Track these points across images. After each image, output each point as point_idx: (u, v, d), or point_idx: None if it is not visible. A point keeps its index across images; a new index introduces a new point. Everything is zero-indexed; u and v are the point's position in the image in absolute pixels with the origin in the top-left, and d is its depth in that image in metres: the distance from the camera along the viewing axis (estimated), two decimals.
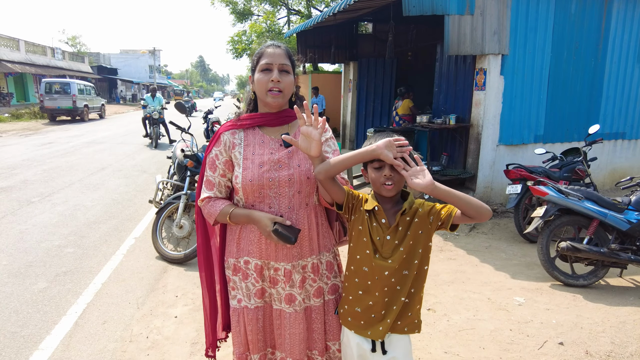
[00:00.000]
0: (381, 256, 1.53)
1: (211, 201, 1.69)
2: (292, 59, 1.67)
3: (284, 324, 1.68)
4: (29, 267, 4.01)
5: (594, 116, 6.75)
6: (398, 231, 1.53)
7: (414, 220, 1.54)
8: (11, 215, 5.48)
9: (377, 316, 1.55)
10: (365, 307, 1.56)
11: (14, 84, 24.13)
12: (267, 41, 1.82)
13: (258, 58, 1.65)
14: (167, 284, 3.79)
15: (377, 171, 1.53)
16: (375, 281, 1.54)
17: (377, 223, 1.55)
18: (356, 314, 1.59)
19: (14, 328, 3.02)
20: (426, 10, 5.37)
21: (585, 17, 6.33)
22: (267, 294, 1.71)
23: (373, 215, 1.56)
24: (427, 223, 1.53)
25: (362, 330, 1.58)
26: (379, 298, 1.54)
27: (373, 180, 1.55)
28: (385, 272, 1.52)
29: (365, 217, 1.56)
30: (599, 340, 2.87)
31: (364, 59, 10.69)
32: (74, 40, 40.74)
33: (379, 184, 1.53)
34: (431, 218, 1.53)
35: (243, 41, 21.17)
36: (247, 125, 1.69)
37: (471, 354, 2.73)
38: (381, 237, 1.53)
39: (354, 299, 1.60)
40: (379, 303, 1.54)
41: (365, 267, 1.56)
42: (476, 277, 3.98)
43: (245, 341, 1.73)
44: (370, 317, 1.56)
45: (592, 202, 3.77)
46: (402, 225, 1.54)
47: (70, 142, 12.53)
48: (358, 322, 1.59)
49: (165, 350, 2.79)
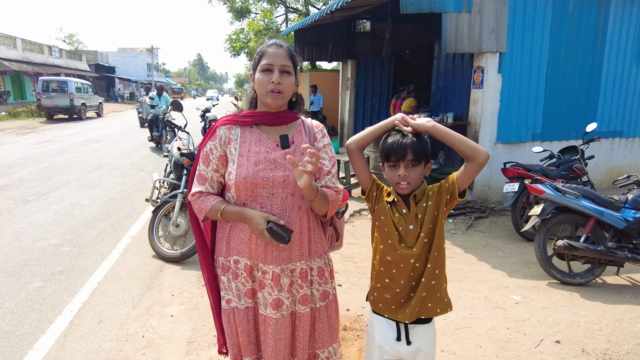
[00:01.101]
0: (406, 245, 1.58)
1: (202, 196, 1.65)
2: (294, 59, 1.64)
3: (268, 331, 1.64)
4: (25, 266, 3.99)
5: (591, 114, 6.75)
6: (418, 219, 1.59)
7: (428, 204, 1.59)
8: (7, 214, 5.45)
9: (406, 300, 1.62)
10: (394, 294, 1.63)
11: (11, 82, 24.04)
12: (268, 40, 1.79)
13: (259, 57, 1.61)
14: (163, 282, 3.77)
15: (392, 169, 1.58)
16: (401, 269, 1.60)
17: (399, 214, 1.60)
18: (386, 300, 1.65)
19: (9, 327, 3.00)
20: (424, 7, 5.35)
21: (583, 15, 6.33)
22: (259, 295, 1.67)
23: (394, 206, 1.61)
24: (438, 202, 1.59)
25: (393, 314, 1.64)
26: (405, 284, 1.60)
27: (389, 178, 1.61)
28: (411, 260, 1.58)
29: (387, 208, 1.62)
30: (595, 339, 2.87)
31: (362, 57, 10.68)
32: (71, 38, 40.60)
33: (394, 183, 1.59)
34: (441, 195, 1.59)
35: (241, 39, 21.10)
36: (246, 122, 1.65)
37: (468, 352, 2.73)
38: (404, 227, 1.59)
39: (382, 286, 1.65)
40: (407, 288, 1.61)
41: (389, 257, 1.61)
42: (473, 276, 3.98)
43: (237, 342, 1.71)
44: (399, 302, 1.62)
45: (589, 200, 3.76)
46: (419, 212, 1.59)
47: (67, 140, 12.49)
48: (389, 307, 1.64)
49: (161, 350, 2.78)
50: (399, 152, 1.53)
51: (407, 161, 1.53)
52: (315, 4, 20.37)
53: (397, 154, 1.53)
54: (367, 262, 4.20)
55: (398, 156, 1.53)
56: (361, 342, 2.80)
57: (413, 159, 1.53)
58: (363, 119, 10.86)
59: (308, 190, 1.48)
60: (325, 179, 1.66)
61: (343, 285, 3.68)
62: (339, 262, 4.14)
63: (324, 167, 1.67)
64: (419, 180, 1.57)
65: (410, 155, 1.52)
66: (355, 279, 3.83)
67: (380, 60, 10.43)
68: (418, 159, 1.53)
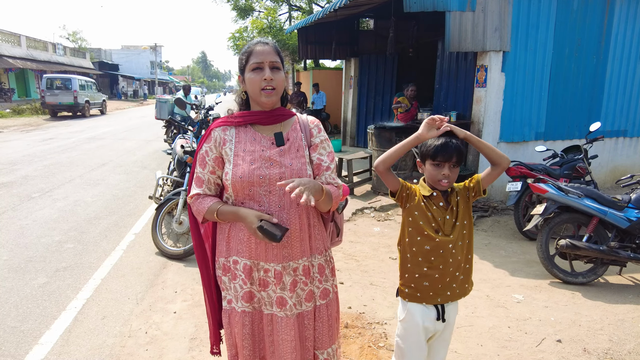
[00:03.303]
0: (443, 234, 1.76)
1: (200, 198, 1.66)
2: (280, 55, 1.65)
3: (276, 329, 1.63)
4: (29, 262, 4.02)
5: (595, 114, 6.72)
6: (453, 210, 1.78)
7: (458, 198, 1.80)
8: (12, 211, 5.49)
9: (443, 285, 1.79)
10: (433, 280, 1.78)
11: (15, 79, 24.14)
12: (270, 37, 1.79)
13: (247, 57, 1.61)
14: (166, 279, 3.79)
15: (437, 168, 1.75)
16: (440, 255, 1.76)
17: (435, 206, 1.78)
18: (424, 287, 1.80)
19: (14, 323, 3.03)
20: (427, 6, 5.34)
21: (588, 14, 6.30)
22: (256, 299, 1.66)
23: (430, 200, 1.78)
24: (466, 197, 1.82)
25: (432, 300, 1.80)
26: (443, 270, 1.77)
27: (431, 175, 1.77)
28: (449, 245, 1.76)
29: (422, 203, 1.78)
30: (597, 338, 2.88)
31: (365, 55, 10.66)
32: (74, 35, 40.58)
33: (436, 180, 1.76)
34: (467, 193, 1.82)
35: (244, 37, 21.09)
36: (240, 122, 1.66)
37: (469, 350, 2.74)
38: (442, 217, 1.77)
39: (420, 275, 1.80)
40: (445, 274, 1.77)
41: (427, 246, 1.77)
42: (475, 274, 3.93)
43: (235, 343, 1.70)
44: (437, 288, 1.79)
45: (592, 200, 3.76)
46: (454, 205, 1.79)
47: (71, 137, 12.55)
48: (427, 294, 1.80)
49: (164, 346, 2.80)
50: (447, 153, 1.71)
51: (452, 162, 1.72)
52: (319, 2, 20.34)
53: (444, 155, 1.71)
54: (369, 260, 4.21)
55: (445, 157, 1.71)
56: (362, 339, 2.81)
57: (456, 160, 1.73)
58: (366, 118, 10.86)
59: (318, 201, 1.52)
60: (324, 175, 1.66)
61: (345, 283, 3.69)
62: (341, 260, 4.15)
63: (323, 162, 1.67)
64: (455, 178, 1.79)
65: (455, 157, 1.72)
66: (357, 277, 3.84)
67: (383, 58, 10.42)
68: (459, 161, 1.75)
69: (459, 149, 1.72)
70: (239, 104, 1.75)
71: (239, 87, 1.74)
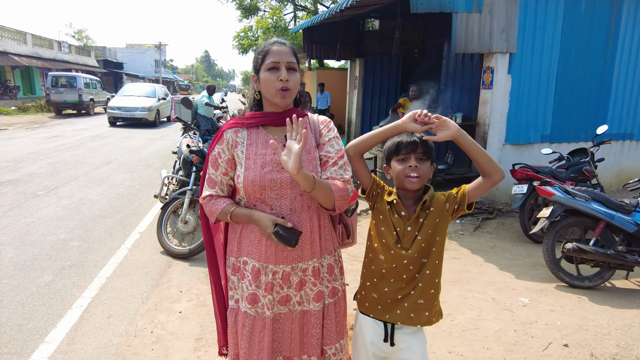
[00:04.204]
0: (402, 246, 1.59)
1: (213, 199, 1.66)
2: (297, 56, 1.63)
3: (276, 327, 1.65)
4: (35, 260, 4.03)
5: (602, 116, 6.69)
6: (418, 222, 1.59)
7: (431, 210, 1.60)
8: (17, 208, 5.51)
9: (393, 302, 1.61)
10: (381, 293, 1.62)
11: (21, 77, 24.24)
12: (271, 38, 1.78)
13: (263, 56, 1.60)
14: (171, 279, 3.80)
15: (402, 163, 1.58)
16: (392, 269, 1.60)
17: (397, 215, 1.61)
18: (373, 299, 1.65)
19: (20, 321, 3.04)
20: (434, 7, 5.33)
21: (595, 16, 6.27)
22: (260, 304, 1.64)
23: (394, 207, 1.62)
24: (443, 210, 1.60)
25: (380, 314, 1.64)
26: (394, 285, 1.60)
27: (397, 174, 1.60)
28: (404, 261, 1.58)
29: (387, 208, 1.63)
30: (604, 343, 2.86)
31: (370, 56, 10.64)
32: (80, 34, 40.76)
33: (403, 177, 1.58)
34: (447, 205, 1.60)
35: (249, 37, 21.13)
36: (251, 124, 1.65)
37: (475, 354, 2.73)
38: (402, 228, 1.60)
39: (371, 285, 1.66)
40: (396, 290, 1.60)
41: (382, 256, 1.62)
42: (480, 277, 3.97)
43: (237, 343, 1.70)
44: (386, 303, 1.62)
45: (599, 204, 3.74)
46: (421, 217, 1.60)
47: (75, 135, 12.59)
48: (375, 307, 1.65)
49: (169, 346, 2.80)
50: (410, 145, 1.56)
51: (417, 153, 1.56)
52: (324, 2, 20.34)
53: (408, 147, 1.57)
54: None
55: (410, 148, 1.56)
56: None
57: (423, 152, 1.57)
58: (370, 118, 10.85)
59: (301, 177, 1.42)
60: (330, 170, 1.63)
61: (350, 284, 3.68)
62: (345, 262, 4.14)
63: (330, 158, 1.64)
64: (427, 177, 1.59)
65: (420, 148, 1.56)
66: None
67: (389, 59, 10.40)
68: (427, 153, 1.58)
69: (424, 141, 1.57)
70: (250, 104, 1.73)
71: (243, 87, 1.72)
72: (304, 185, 1.47)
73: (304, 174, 1.43)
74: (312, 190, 1.48)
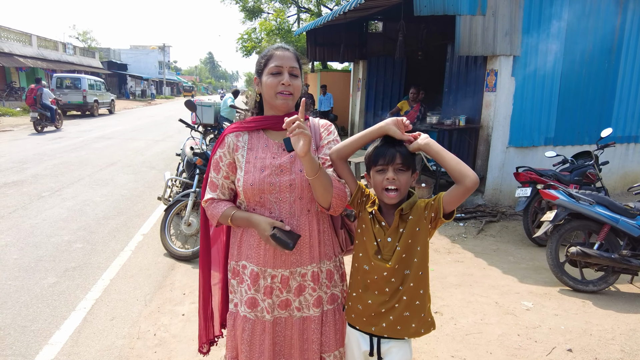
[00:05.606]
0: (382, 258, 1.53)
1: (214, 203, 1.69)
2: (299, 62, 1.66)
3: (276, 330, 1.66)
4: (39, 261, 4.05)
5: (606, 119, 6.66)
6: (398, 232, 1.53)
7: (410, 218, 1.53)
8: (22, 210, 5.54)
9: (377, 314, 1.56)
10: (366, 305, 1.58)
11: (26, 78, 24.37)
12: (276, 42, 1.79)
13: (266, 60, 1.62)
14: (174, 281, 3.81)
15: (380, 174, 1.52)
16: (375, 281, 1.55)
17: (378, 225, 1.56)
18: (359, 311, 1.61)
19: (24, 322, 3.06)
20: (437, 10, 5.33)
21: (600, 19, 6.24)
22: (260, 308, 1.65)
23: (375, 216, 1.57)
24: (422, 218, 1.53)
25: (365, 327, 1.60)
26: (378, 297, 1.55)
27: (375, 185, 1.55)
28: (384, 273, 1.52)
29: (369, 217, 1.58)
30: (608, 348, 2.84)
31: (374, 58, 10.65)
32: (84, 35, 40.98)
33: (381, 189, 1.53)
34: (426, 212, 1.53)
35: (252, 39, 21.17)
36: (252, 127, 1.67)
37: (478, 358, 2.72)
38: (382, 239, 1.54)
39: (357, 296, 1.62)
40: (380, 303, 1.55)
41: (366, 266, 1.58)
42: (483, 281, 3.96)
43: (236, 346, 1.71)
44: (370, 315, 1.57)
45: (604, 207, 3.72)
46: (402, 226, 1.53)
47: (80, 137, 12.65)
48: (360, 319, 1.61)
49: (172, 348, 2.81)
50: (387, 155, 1.50)
51: (395, 164, 1.50)
52: (327, 4, 20.36)
53: (385, 157, 1.50)
54: None
55: (387, 159, 1.50)
56: None
57: (402, 163, 1.50)
58: (374, 120, 10.81)
59: (308, 160, 1.44)
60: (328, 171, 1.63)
61: None
62: (346, 267, 4.14)
63: (327, 161, 1.64)
64: (406, 188, 1.53)
65: (399, 159, 1.50)
66: None
67: (392, 61, 10.41)
68: (407, 164, 1.50)
69: (403, 151, 1.50)
70: (251, 108, 1.76)
71: (247, 88, 1.74)
72: (308, 169, 1.47)
73: (311, 157, 1.45)
74: (314, 176, 1.48)
